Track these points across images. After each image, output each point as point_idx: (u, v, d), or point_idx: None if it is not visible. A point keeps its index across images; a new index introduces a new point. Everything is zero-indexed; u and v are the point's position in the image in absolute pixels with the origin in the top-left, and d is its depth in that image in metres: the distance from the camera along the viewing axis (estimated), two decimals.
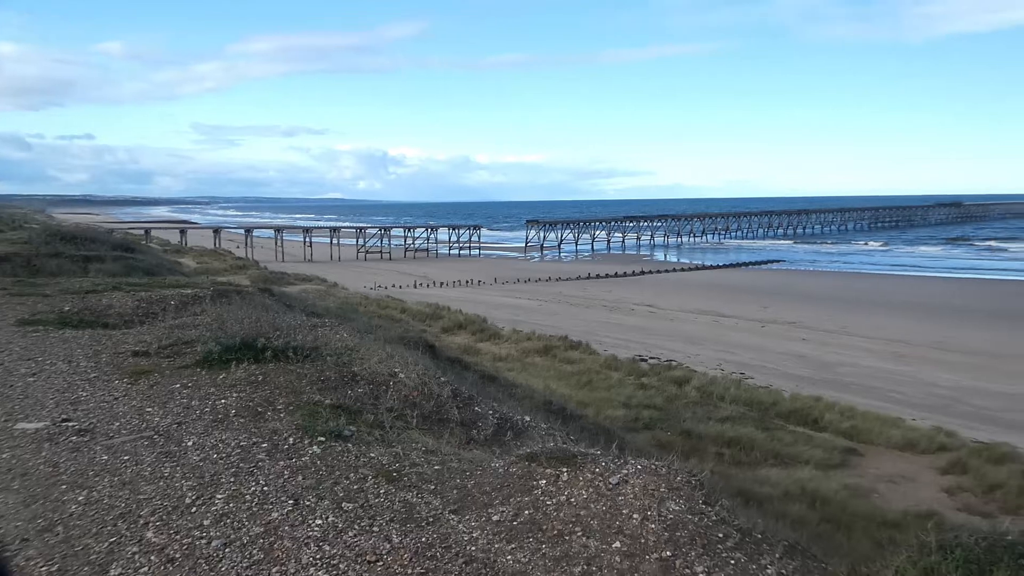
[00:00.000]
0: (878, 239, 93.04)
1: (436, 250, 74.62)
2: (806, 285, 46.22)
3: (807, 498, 10.69)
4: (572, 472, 3.41)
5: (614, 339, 26.11)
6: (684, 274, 54.00)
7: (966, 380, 20.91)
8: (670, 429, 14.01)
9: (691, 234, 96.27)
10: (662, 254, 76.07)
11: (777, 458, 13.12)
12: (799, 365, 22.83)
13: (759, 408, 16.13)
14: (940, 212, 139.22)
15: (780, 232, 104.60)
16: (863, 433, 14.65)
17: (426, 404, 5.16)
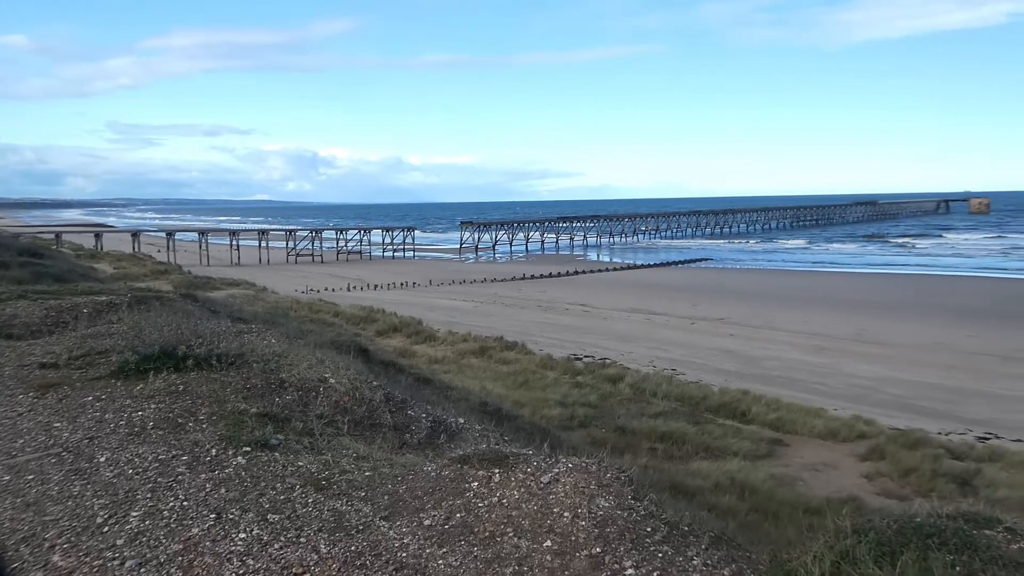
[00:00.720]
0: (800, 237, 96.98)
1: (369, 252, 73.60)
2: (733, 283, 47.76)
3: (736, 489, 10.97)
4: (504, 473, 3.40)
5: (549, 339, 26.32)
6: (616, 273, 54.96)
7: (882, 370, 22.00)
8: (605, 426, 14.20)
9: (622, 234, 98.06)
10: (595, 254, 77.23)
11: (708, 451, 13.44)
12: (727, 360, 23.55)
13: (690, 403, 16.51)
14: (857, 211, 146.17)
15: (708, 231, 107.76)
16: (788, 424, 15.14)
17: (358, 409, 5.06)
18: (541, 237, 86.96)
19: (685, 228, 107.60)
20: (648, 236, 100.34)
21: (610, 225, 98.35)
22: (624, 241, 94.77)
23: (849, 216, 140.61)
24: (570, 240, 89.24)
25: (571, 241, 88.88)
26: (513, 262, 68.23)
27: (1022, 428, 16.23)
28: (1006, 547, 2.31)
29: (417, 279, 48.98)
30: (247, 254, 64.02)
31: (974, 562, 2.21)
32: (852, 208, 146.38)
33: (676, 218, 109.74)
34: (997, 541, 2.34)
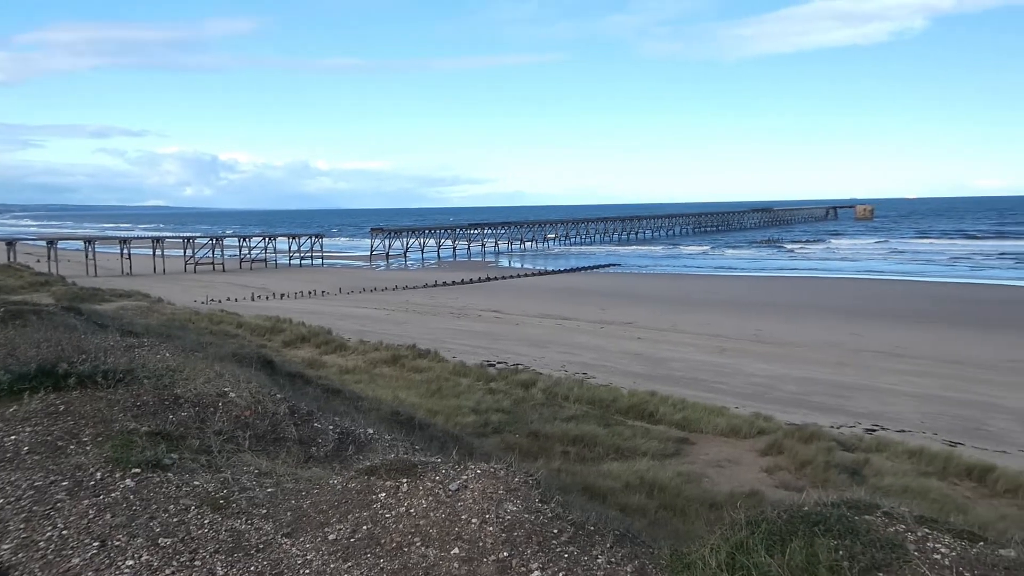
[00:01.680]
0: (701, 243, 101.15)
1: (275, 260, 71.21)
2: (640, 287, 49.21)
3: (646, 487, 11.23)
4: (412, 482, 3.35)
5: (462, 345, 26.26)
6: (528, 279, 55.55)
7: (778, 369, 23.18)
8: (518, 431, 14.27)
9: (534, 240, 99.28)
10: (507, 260, 77.82)
11: (618, 452, 13.70)
12: (636, 363, 24.21)
13: (601, 406, 16.82)
14: (754, 217, 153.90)
15: (615, 237, 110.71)
16: (693, 423, 15.62)
17: (260, 423, 4.86)
18: (453, 244, 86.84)
19: (594, 234, 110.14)
20: (559, 242, 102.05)
21: (521, 231, 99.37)
22: (535, 247, 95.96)
23: (747, 222, 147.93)
24: (482, 247, 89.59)
25: (483, 248, 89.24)
26: (425, 269, 67.76)
27: (903, 419, 17.48)
28: (883, 530, 2.47)
29: (326, 287, 47.81)
30: (140, 263, 60.62)
31: (855, 545, 2.35)
32: (749, 214, 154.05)
33: (585, 224, 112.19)
34: (876, 525, 2.50)
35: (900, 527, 2.45)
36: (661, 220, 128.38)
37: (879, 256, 78.13)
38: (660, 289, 47.53)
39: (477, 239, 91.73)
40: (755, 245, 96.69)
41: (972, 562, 2.21)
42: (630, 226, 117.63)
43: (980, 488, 12.01)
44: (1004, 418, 17.51)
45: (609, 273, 62.47)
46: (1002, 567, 2.17)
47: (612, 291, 45.89)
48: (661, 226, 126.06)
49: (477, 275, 55.87)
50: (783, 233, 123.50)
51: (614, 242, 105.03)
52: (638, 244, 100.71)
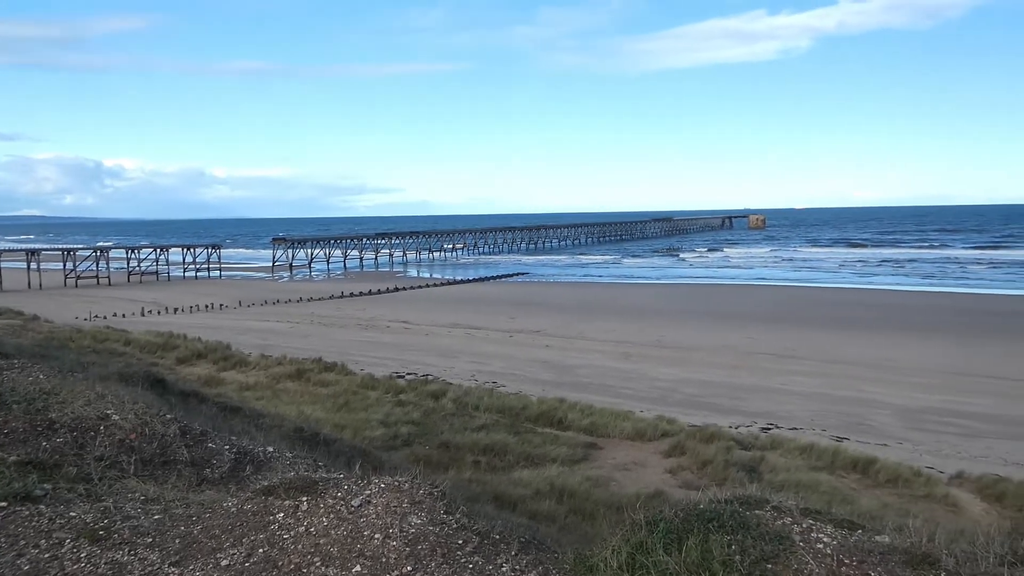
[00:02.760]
0: (606, 252, 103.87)
1: (168, 273, 67.59)
2: (547, 296, 49.93)
3: (556, 493, 11.31)
4: (313, 500, 3.23)
5: (370, 357, 25.78)
6: (436, 289, 55.25)
7: (679, 372, 24.05)
8: (428, 443, 14.11)
9: (441, 250, 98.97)
10: (415, 270, 77.14)
11: (528, 459, 13.76)
12: (545, 370, 24.50)
13: (511, 414, 16.87)
14: (655, 226, 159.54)
15: (522, 247, 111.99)
16: (601, 428, 15.90)
17: (148, 447, 4.57)
18: (360, 254, 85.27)
19: (501, 244, 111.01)
20: (467, 252, 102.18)
21: (429, 241, 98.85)
22: (443, 257, 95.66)
23: (648, 231, 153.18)
24: (390, 257, 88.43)
25: (391, 258, 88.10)
26: (331, 280, 66.12)
27: (794, 417, 18.50)
28: (772, 523, 2.60)
29: (225, 300, 45.78)
30: (12, 278, 56.06)
31: (746, 539, 2.45)
32: (651, 224, 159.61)
33: (492, 234, 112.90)
34: (765, 519, 2.63)
35: (787, 520, 2.58)
36: (566, 230, 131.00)
37: (772, 264, 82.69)
38: (567, 297, 48.38)
39: (384, 249, 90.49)
40: (657, 254, 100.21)
41: (851, 549, 2.36)
42: (536, 236, 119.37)
43: (864, 479, 12.82)
44: (884, 413, 18.86)
45: (517, 282, 63.05)
46: (877, 552, 2.32)
47: (520, 300, 46.32)
48: (567, 236, 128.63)
49: (385, 285, 55.06)
50: (683, 242, 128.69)
51: (521, 252, 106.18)
52: (544, 253, 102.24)
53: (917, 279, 61.81)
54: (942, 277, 62.93)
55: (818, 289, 54.41)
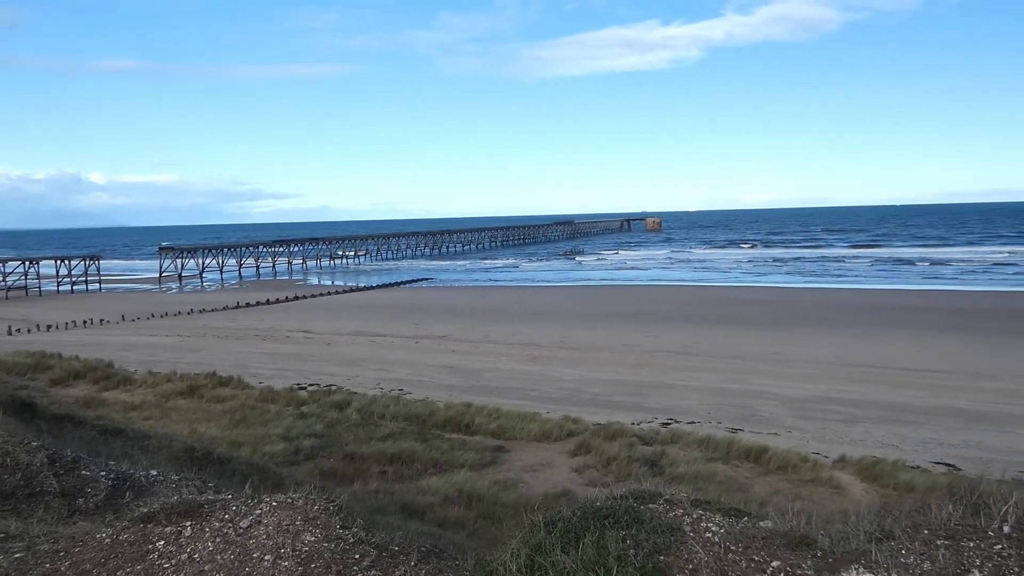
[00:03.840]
0: (510, 256, 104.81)
1: (39, 287, 62.59)
2: (452, 300, 49.78)
3: (464, 499, 11.26)
4: (198, 524, 3.03)
5: (270, 370, 24.84)
6: (339, 297, 53.95)
7: (583, 373, 24.53)
8: (333, 455, 13.73)
9: (343, 256, 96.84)
10: (315, 278, 75.06)
11: (437, 466, 13.63)
12: (451, 376, 24.38)
13: (418, 421, 16.68)
14: (558, 230, 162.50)
15: (426, 252, 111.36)
16: (508, 431, 15.95)
17: (10, 478, 4.17)
18: (256, 262, 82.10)
19: (405, 249, 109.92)
20: (370, 258, 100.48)
21: (330, 247, 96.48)
22: (345, 264, 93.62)
23: (551, 235, 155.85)
24: (288, 264, 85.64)
25: (289, 265, 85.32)
26: (225, 290, 63.25)
27: (692, 412, 19.25)
28: (665, 516, 2.66)
29: (106, 315, 42.86)
30: None
31: (640, 533, 2.50)
32: (553, 227, 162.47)
33: (396, 239, 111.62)
34: (658, 512, 2.69)
35: (679, 512, 2.65)
36: (470, 234, 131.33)
37: (670, 265, 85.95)
38: (472, 302, 48.41)
39: (283, 257, 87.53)
40: (559, 256, 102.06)
41: (737, 536, 2.45)
42: (440, 240, 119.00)
43: (757, 467, 13.46)
44: (774, 404, 19.92)
45: (421, 288, 62.55)
46: (760, 537, 2.43)
47: (425, 306, 45.96)
48: (471, 240, 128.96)
49: (284, 294, 53.21)
50: (584, 244, 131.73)
51: (425, 257, 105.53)
52: (449, 259, 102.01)
53: (801, 277, 65.94)
54: (823, 274, 67.42)
55: (713, 288, 57.01)
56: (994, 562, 2.07)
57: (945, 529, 2.22)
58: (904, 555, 2.15)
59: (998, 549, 2.12)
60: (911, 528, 2.25)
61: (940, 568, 2.08)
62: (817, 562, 2.25)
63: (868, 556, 2.19)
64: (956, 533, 2.20)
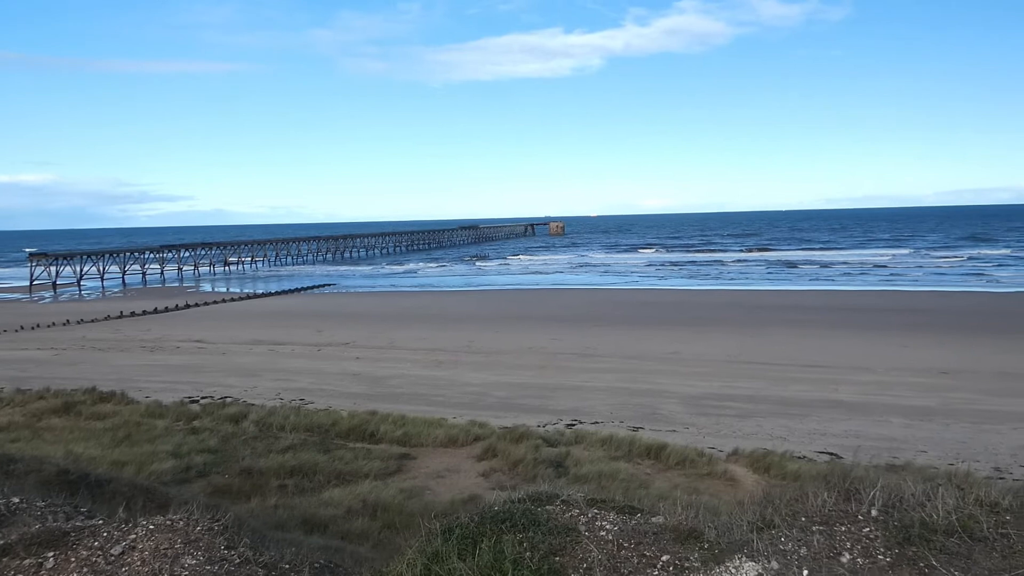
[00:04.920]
0: (415, 260, 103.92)
1: None
2: (356, 306, 48.75)
3: (369, 510, 11.02)
4: (62, 554, 2.77)
5: (158, 383, 23.45)
6: (235, 304, 51.68)
7: (489, 376, 24.58)
8: (228, 471, 13.10)
9: (240, 262, 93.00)
10: (209, 285, 71.61)
11: (340, 477, 13.29)
12: (355, 383, 23.84)
13: (320, 431, 16.22)
14: (463, 234, 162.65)
15: (328, 257, 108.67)
16: (414, 437, 15.75)
17: None
18: (142, 269, 77.43)
19: (306, 254, 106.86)
20: (268, 264, 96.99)
21: (225, 252, 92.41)
22: (242, 269, 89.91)
23: (456, 239, 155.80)
24: (179, 271, 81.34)
25: (180, 272, 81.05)
26: (107, 299, 59.24)
27: (596, 412, 19.65)
28: (561, 516, 2.67)
29: None
30: None
31: (536, 535, 2.49)
32: (458, 232, 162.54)
33: (296, 244, 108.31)
34: (555, 513, 2.70)
35: (575, 512, 2.67)
36: (374, 239, 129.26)
37: (573, 268, 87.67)
38: (377, 307, 47.60)
39: (172, 263, 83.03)
40: (465, 261, 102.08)
41: (629, 533, 2.49)
42: (343, 245, 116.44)
43: (657, 464, 13.88)
44: (672, 402, 20.65)
45: (324, 293, 60.92)
46: (652, 532, 2.48)
47: (328, 312, 44.76)
48: (375, 245, 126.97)
49: (174, 302, 50.43)
50: (489, 249, 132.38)
51: (327, 262, 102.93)
52: (352, 264, 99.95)
53: (698, 279, 68.90)
54: (718, 276, 70.73)
55: (614, 291, 58.58)
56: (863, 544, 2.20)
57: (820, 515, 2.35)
58: (783, 542, 2.25)
59: (866, 532, 2.25)
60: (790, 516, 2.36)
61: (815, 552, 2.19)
62: (704, 553, 2.32)
63: (750, 545, 2.27)
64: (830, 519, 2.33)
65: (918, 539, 2.23)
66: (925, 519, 2.32)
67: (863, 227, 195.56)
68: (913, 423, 18.04)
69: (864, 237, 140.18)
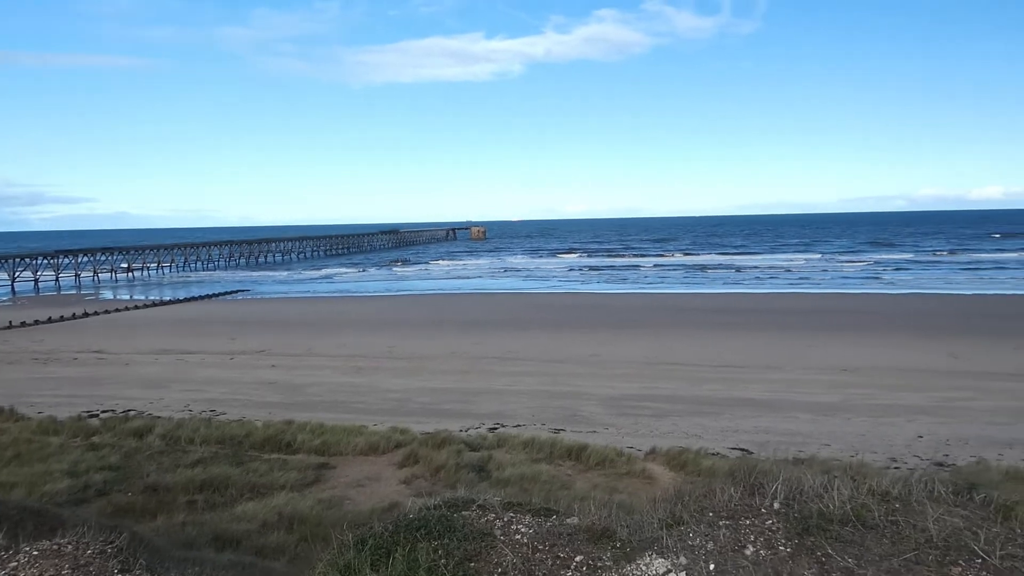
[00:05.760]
0: (333, 265, 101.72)
1: None
2: (272, 313, 47.27)
3: (285, 522, 10.72)
4: None
5: (53, 397, 22.02)
6: (140, 312, 49.13)
7: (411, 382, 24.32)
8: (131, 488, 12.44)
9: (145, 267, 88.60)
10: (110, 292, 67.84)
11: (254, 490, 12.85)
12: (271, 392, 23.10)
13: (233, 443, 15.63)
14: (383, 239, 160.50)
15: (242, 262, 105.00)
16: (333, 446, 15.41)
17: None
18: (35, 275, 72.55)
19: (218, 259, 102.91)
20: (177, 269, 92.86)
21: (129, 257, 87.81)
22: (148, 275, 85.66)
23: (376, 244, 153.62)
24: (76, 277, 76.65)
25: (78, 278, 76.38)
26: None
27: (518, 415, 19.75)
28: (477, 522, 2.65)
29: None
30: None
31: (452, 542, 2.46)
32: (379, 236, 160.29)
33: (207, 248, 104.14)
34: (471, 519, 2.67)
35: (491, 516, 2.65)
36: (291, 243, 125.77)
37: (495, 273, 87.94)
38: (294, 314, 46.29)
39: (69, 269, 78.14)
40: (385, 266, 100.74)
41: (544, 535, 2.49)
42: (258, 250, 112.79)
43: (578, 465, 14.07)
44: (593, 404, 21.00)
45: (237, 300, 58.77)
46: (566, 534, 2.49)
47: (241, 319, 43.19)
48: (292, 249, 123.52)
49: (71, 311, 47.41)
50: (410, 254, 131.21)
51: (241, 267, 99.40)
52: (268, 269, 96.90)
53: (618, 283, 70.47)
54: (637, 280, 72.60)
55: (536, 295, 59.13)
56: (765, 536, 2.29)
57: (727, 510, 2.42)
58: (691, 537, 2.31)
59: (769, 524, 2.35)
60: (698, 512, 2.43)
61: (721, 547, 2.26)
62: (616, 552, 2.35)
63: (660, 542, 2.32)
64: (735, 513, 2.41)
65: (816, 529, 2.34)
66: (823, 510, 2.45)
67: (773, 232, 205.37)
68: (818, 418, 19.01)
69: (775, 242, 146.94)
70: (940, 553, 2.41)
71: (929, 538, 2.44)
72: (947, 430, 17.69)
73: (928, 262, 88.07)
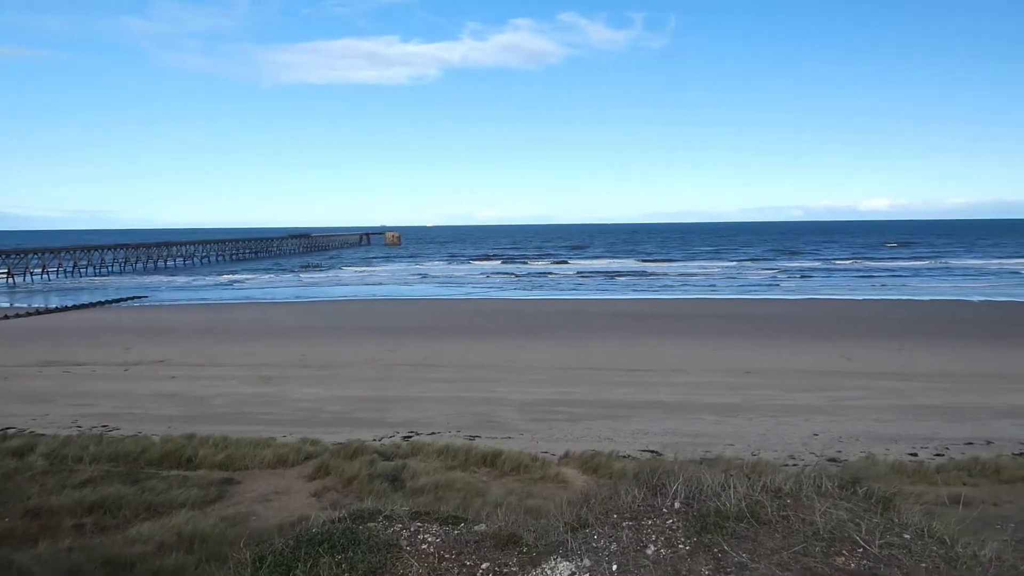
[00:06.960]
0: (241, 270, 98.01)
1: None
2: (171, 320, 45.00)
3: (185, 543, 10.23)
4: None
5: None
6: (21, 321, 45.67)
7: (323, 391, 23.71)
8: (9, 513, 11.52)
9: (27, 272, 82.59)
10: None
11: (150, 509, 12.17)
12: (170, 405, 21.97)
13: (127, 460, 14.76)
14: (294, 243, 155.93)
15: (139, 266, 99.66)
16: (238, 460, 14.82)
17: None
18: None
19: (112, 263, 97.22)
20: (65, 274, 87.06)
21: (8, 262, 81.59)
22: (30, 280, 79.89)
23: (286, 248, 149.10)
24: None
25: None
26: None
27: (433, 423, 19.60)
28: (383, 533, 2.60)
29: None
30: None
31: (356, 555, 2.40)
32: (288, 241, 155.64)
33: (100, 252, 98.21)
34: (377, 530, 2.62)
35: (398, 527, 2.61)
36: (194, 247, 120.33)
37: (409, 279, 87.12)
38: (196, 321, 44.24)
39: None
40: (295, 271, 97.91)
41: (451, 543, 2.47)
42: (156, 254, 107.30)
43: (493, 471, 14.09)
44: (508, 409, 21.09)
45: (134, 307, 55.66)
46: (473, 541, 2.48)
47: (138, 327, 40.89)
48: (195, 253, 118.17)
49: None
50: (322, 259, 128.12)
51: (138, 272, 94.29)
52: (168, 274, 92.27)
53: (532, 289, 71.24)
54: (552, 287, 73.60)
55: (451, 301, 58.97)
56: (666, 535, 2.36)
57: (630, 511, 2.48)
58: (596, 539, 2.35)
59: (669, 524, 2.42)
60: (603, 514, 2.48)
61: (624, 547, 2.31)
62: (522, 558, 2.36)
63: (566, 545, 2.35)
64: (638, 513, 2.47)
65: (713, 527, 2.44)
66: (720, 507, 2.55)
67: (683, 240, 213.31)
68: (723, 419, 19.82)
69: (687, 250, 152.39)
70: (826, 544, 2.56)
71: (816, 531, 2.59)
72: (840, 428, 18.84)
73: (831, 269, 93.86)
